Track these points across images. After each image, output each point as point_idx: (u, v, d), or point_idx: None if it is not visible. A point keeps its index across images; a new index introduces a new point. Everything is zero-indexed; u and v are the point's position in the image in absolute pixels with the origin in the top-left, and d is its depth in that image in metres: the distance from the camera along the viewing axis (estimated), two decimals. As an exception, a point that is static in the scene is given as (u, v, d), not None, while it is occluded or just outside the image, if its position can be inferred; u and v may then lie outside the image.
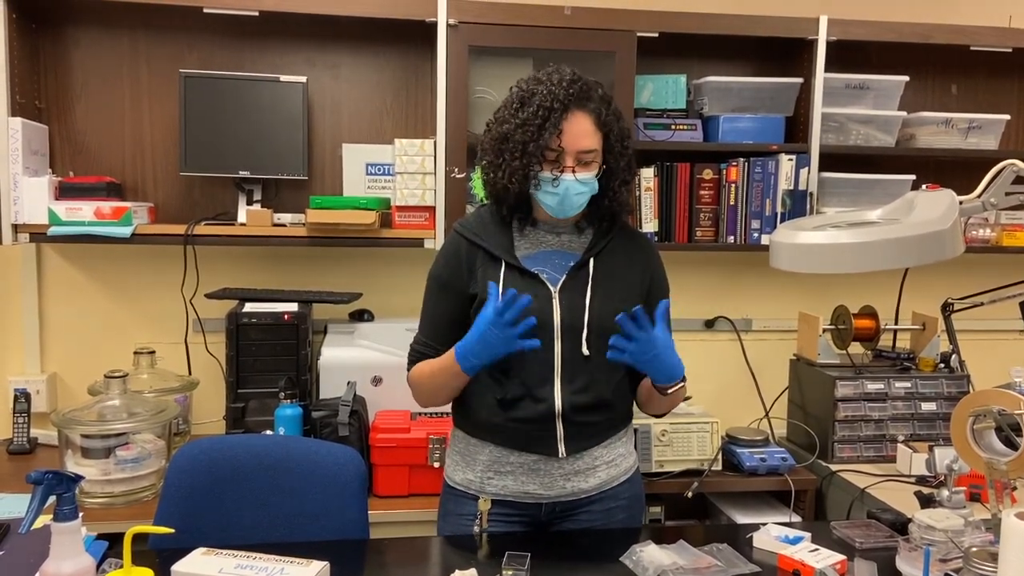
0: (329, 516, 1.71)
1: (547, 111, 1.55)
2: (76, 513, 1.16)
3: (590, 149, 1.58)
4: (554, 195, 1.59)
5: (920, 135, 2.70)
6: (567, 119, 1.56)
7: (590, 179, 1.60)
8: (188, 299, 2.55)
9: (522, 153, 1.56)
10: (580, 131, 1.57)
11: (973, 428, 1.40)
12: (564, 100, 1.55)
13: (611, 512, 1.72)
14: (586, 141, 1.57)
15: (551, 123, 1.54)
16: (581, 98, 1.57)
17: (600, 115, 1.59)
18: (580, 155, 1.57)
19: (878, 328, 2.58)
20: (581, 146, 1.57)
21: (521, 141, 1.56)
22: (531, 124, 1.55)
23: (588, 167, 1.59)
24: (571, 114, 1.56)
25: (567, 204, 1.61)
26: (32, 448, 2.41)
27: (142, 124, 2.57)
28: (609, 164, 1.63)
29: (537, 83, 1.59)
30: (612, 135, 1.61)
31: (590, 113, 1.58)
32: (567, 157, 1.57)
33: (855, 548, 1.60)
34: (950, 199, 1.10)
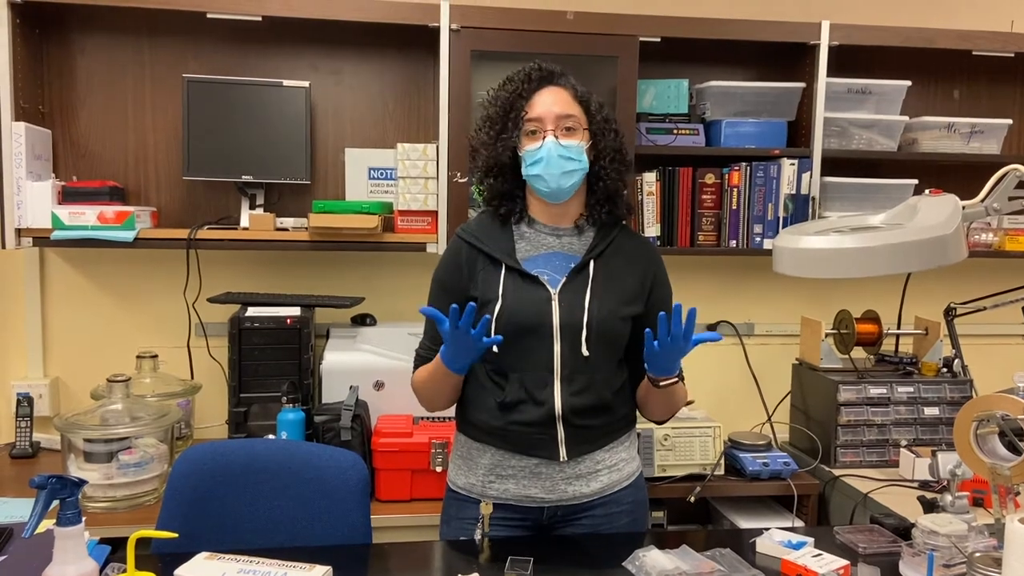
0: (331, 521, 1.71)
1: (520, 83, 1.64)
2: (79, 517, 1.16)
3: (568, 114, 1.63)
4: (539, 164, 1.61)
5: (922, 139, 2.70)
6: (540, 92, 1.64)
7: (574, 147, 1.62)
8: (191, 303, 2.56)
9: (501, 125, 1.64)
10: (554, 99, 1.63)
11: (977, 433, 1.40)
12: (536, 78, 1.64)
13: (614, 517, 1.71)
14: (562, 107, 1.63)
15: (523, 98, 1.63)
16: (551, 77, 1.65)
17: (576, 90, 1.66)
18: (559, 120, 1.62)
19: (880, 333, 2.58)
20: (558, 110, 1.62)
21: (496, 115, 1.65)
22: (504, 100, 1.64)
23: (571, 134, 1.62)
24: (544, 87, 1.64)
25: (553, 168, 1.60)
26: (35, 452, 2.42)
27: (145, 129, 2.58)
28: (594, 133, 1.66)
29: (508, 79, 1.68)
30: (592, 106, 1.67)
31: (564, 86, 1.65)
32: (546, 123, 1.62)
33: (858, 553, 1.60)
34: (953, 204, 1.10)
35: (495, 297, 1.63)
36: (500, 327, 1.62)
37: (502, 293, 1.63)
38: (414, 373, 1.75)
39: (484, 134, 1.68)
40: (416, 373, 1.74)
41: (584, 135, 1.64)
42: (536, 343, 1.63)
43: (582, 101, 1.66)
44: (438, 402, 1.74)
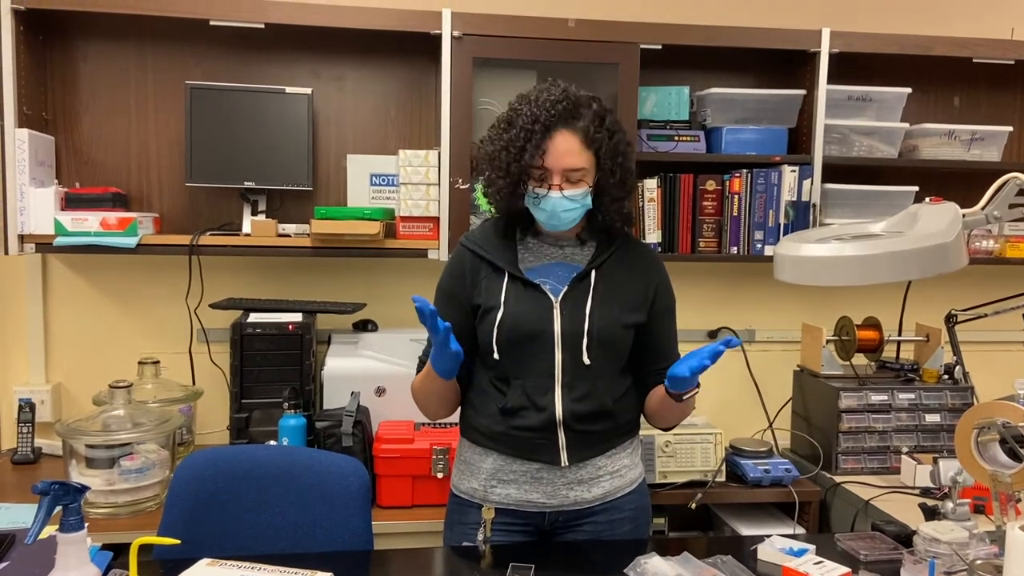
0: (333, 527, 1.71)
1: (528, 132, 1.57)
2: (82, 524, 1.16)
3: (576, 168, 1.59)
4: (542, 211, 1.62)
5: (923, 147, 2.71)
6: (551, 138, 1.57)
7: (578, 195, 1.61)
8: (192, 309, 2.56)
9: (506, 172, 1.60)
10: (564, 150, 1.58)
11: (978, 440, 1.40)
12: (546, 121, 1.57)
13: (616, 523, 1.72)
14: (571, 160, 1.58)
15: (532, 144, 1.57)
16: (567, 117, 1.58)
17: (588, 133, 1.59)
18: (566, 173, 1.59)
19: (882, 339, 2.58)
20: (565, 164, 1.58)
21: (505, 161, 1.59)
22: (513, 145, 1.58)
23: (576, 184, 1.60)
24: (556, 133, 1.57)
25: (556, 220, 1.63)
26: (36, 458, 2.42)
27: (148, 135, 2.58)
28: (600, 181, 1.64)
29: (525, 103, 1.61)
30: (602, 152, 1.61)
31: (576, 132, 1.58)
32: (552, 175, 1.59)
33: (860, 560, 1.60)
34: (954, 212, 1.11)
35: (497, 304, 1.65)
36: (502, 334, 1.63)
37: (504, 301, 1.64)
38: (414, 379, 1.77)
39: (491, 174, 1.64)
40: (415, 378, 1.76)
41: (590, 177, 1.63)
42: (538, 350, 1.64)
43: (593, 143, 1.61)
44: (432, 407, 1.75)
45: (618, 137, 1.64)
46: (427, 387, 1.70)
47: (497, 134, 1.63)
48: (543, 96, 1.60)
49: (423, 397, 1.74)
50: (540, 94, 1.61)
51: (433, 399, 1.73)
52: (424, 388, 1.71)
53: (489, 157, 1.64)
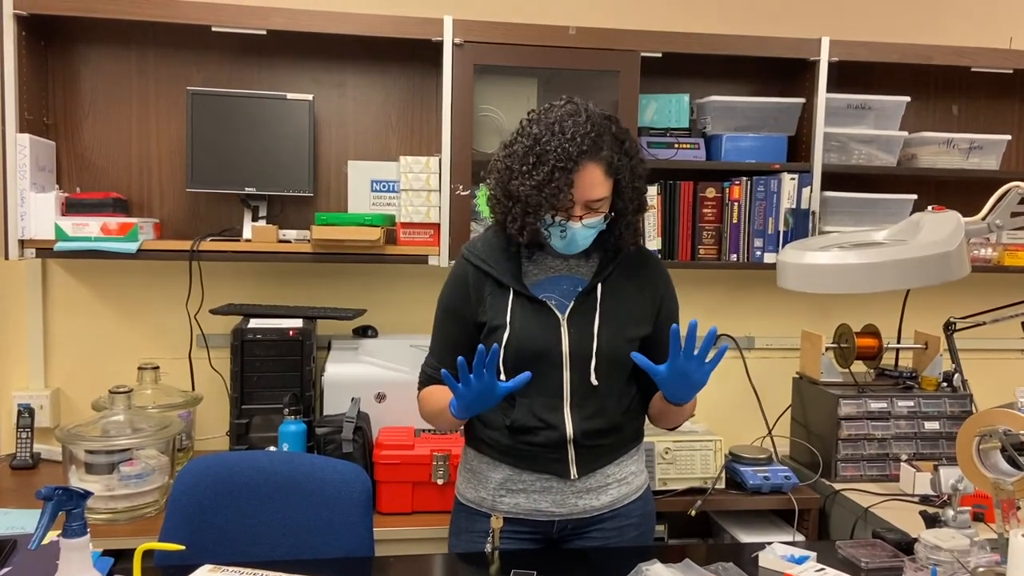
0: (334, 533, 1.71)
1: (561, 171, 1.51)
2: (85, 529, 1.16)
3: (600, 198, 1.57)
4: (561, 240, 1.60)
5: (922, 155, 2.72)
6: (578, 173, 1.53)
7: (597, 222, 1.60)
8: (193, 315, 2.56)
9: (534, 211, 1.55)
10: (590, 183, 1.54)
11: (979, 448, 1.41)
12: (576, 156, 1.52)
13: (623, 530, 1.72)
14: (595, 192, 1.55)
15: (564, 182, 1.52)
16: (594, 149, 1.53)
17: (611, 162, 1.56)
18: (588, 203, 1.57)
19: (881, 347, 2.59)
20: (590, 196, 1.55)
21: (535, 203, 1.53)
22: (545, 186, 1.52)
23: (596, 212, 1.59)
24: (582, 167, 1.53)
25: (573, 246, 1.62)
26: (35, 463, 2.41)
27: (149, 141, 2.59)
28: (617, 207, 1.62)
29: (550, 134, 1.54)
30: (623, 179, 1.60)
31: (600, 162, 1.55)
32: (576, 207, 1.56)
33: (860, 568, 1.60)
34: (956, 221, 1.11)
35: (503, 324, 1.63)
36: (508, 354, 1.62)
37: (510, 320, 1.63)
38: (420, 393, 1.74)
39: (512, 208, 1.58)
40: (425, 392, 1.73)
41: (608, 204, 1.60)
42: (545, 370, 1.62)
43: (616, 172, 1.58)
44: (442, 429, 1.75)
45: (635, 160, 1.62)
46: (446, 425, 1.68)
47: (526, 170, 1.54)
48: (568, 126, 1.53)
49: (437, 423, 1.73)
50: (564, 124, 1.54)
51: (448, 428, 1.73)
52: (443, 424, 1.70)
53: (516, 195, 1.56)
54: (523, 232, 1.58)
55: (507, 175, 1.59)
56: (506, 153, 1.61)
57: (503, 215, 1.61)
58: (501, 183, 1.60)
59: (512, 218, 1.58)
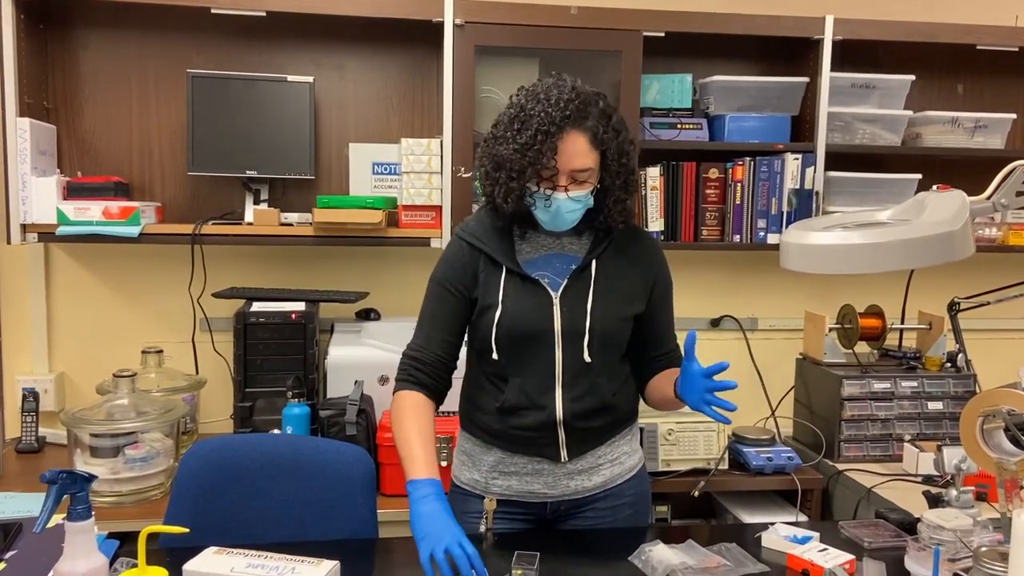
0: (338, 515, 1.72)
1: (544, 135, 1.51)
2: (89, 512, 1.16)
3: (584, 168, 1.55)
4: (546, 211, 1.58)
5: (926, 134, 2.70)
6: (561, 139, 1.52)
7: (583, 196, 1.58)
8: (195, 298, 2.56)
9: (518, 175, 1.54)
10: (574, 151, 1.53)
11: (982, 428, 1.40)
12: (560, 122, 1.51)
13: (617, 509, 1.72)
14: (579, 161, 1.54)
15: (547, 146, 1.52)
16: (578, 117, 1.53)
17: (596, 133, 1.55)
18: (573, 174, 1.55)
19: (884, 327, 2.58)
20: (574, 166, 1.54)
21: (519, 167, 1.53)
22: (528, 149, 1.52)
23: (582, 185, 1.57)
24: (566, 134, 1.52)
25: (559, 220, 1.60)
26: (40, 447, 2.42)
27: (149, 124, 2.58)
28: (604, 182, 1.60)
29: (536, 101, 1.54)
30: (609, 153, 1.58)
31: (585, 131, 1.54)
32: (560, 176, 1.55)
33: (864, 548, 1.60)
34: (961, 200, 1.10)
35: (495, 302, 1.61)
36: (501, 333, 1.61)
37: (502, 299, 1.61)
38: (396, 398, 1.65)
39: (498, 176, 1.58)
40: (400, 411, 1.61)
41: (595, 177, 1.59)
42: (537, 349, 1.62)
43: (601, 144, 1.57)
44: None
45: (623, 136, 1.60)
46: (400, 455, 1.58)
47: (510, 135, 1.55)
48: (553, 94, 1.54)
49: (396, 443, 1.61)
50: (550, 92, 1.55)
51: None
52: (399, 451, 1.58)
53: (498, 159, 1.57)
54: (508, 200, 1.56)
55: (493, 143, 1.59)
56: (494, 123, 1.62)
57: (491, 185, 1.60)
58: (488, 153, 1.61)
59: (498, 187, 1.58)
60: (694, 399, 1.54)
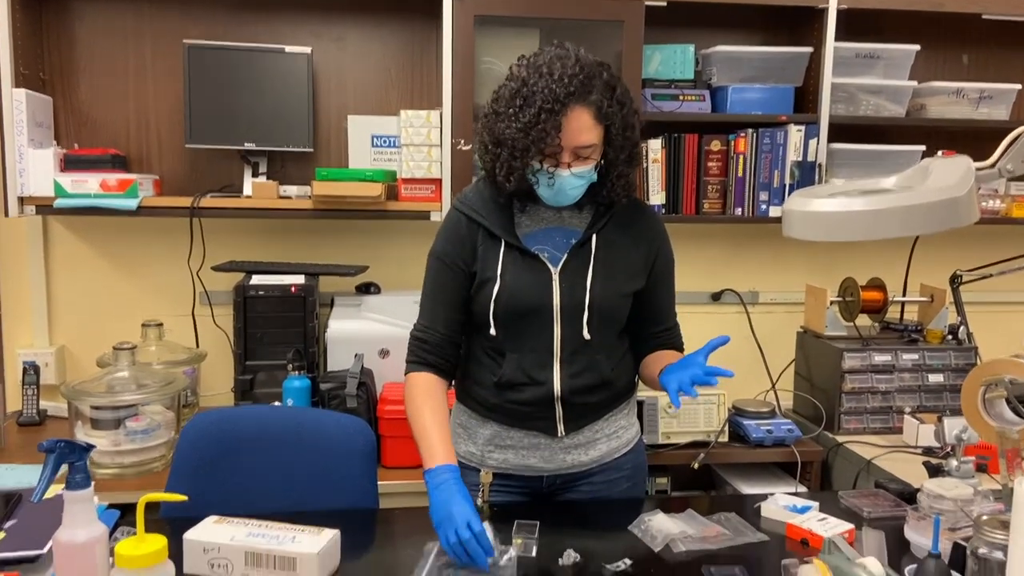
0: (339, 486, 1.72)
1: (547, 113, 1.46)
2: (88, 481, 1.16)
3: (588, 144, 1.51)
4: (549, 188, 1.55)
5: (931, 105, 2.67)
6: (565, 116, 1.47)
7: (586, 171, 1.54)
8: (195, 272, 2.55)
9: (521, 154, 1.50)
10: (578, 127, 1.49)
11: (984, 398, 1.40)
12: (564, 98, 1.47)
13: (614, 483, 1.71)
14: (584, 137, 1.50)
15: (551, 124, 1.47)
16: (582, 92, 1.48)
17: (601, 107, 1.50)
18: (577, 150, 1.51)
19: (886, 300, 2.57)
20: (578, 142, 1.50)
21: (522, 146, 1.49)
22: (531, 128, 1.48)
23: (585, 160, 1.53)
24: (570, 110, 1.48)
25: (562, 197, 1.57)
26: (42, 420, 2.43)
27: (146, 96, 2.56)
28: (608, 156, 1.57)
29: (539, 75, 1.49)
30: (614, 127, 1.54)
31: (590, 106, 1.49)
32: (564, 153, 1.51)
33: (863, 518, 1.61)
34: (966, 166, 1.09)
35: (494, 276, 1.59)
36: (499, 308, 1.59)
37: (501, 273, 1.59)
38: (409, 380, 1.64)
39: (499, 153, 1.53)
40: (413, 395, 1.61)
41: (598, 153, 1.55)
42: (536, 324, 1.60)
43: (605, 118, 1.52)
44: None
45: (628, 109, 1.56)
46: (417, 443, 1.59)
47: (512, 112, 1.49)
48: (557, 67, 1.48)
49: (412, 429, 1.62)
50: (553, 65, 1.49)
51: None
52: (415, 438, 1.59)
53: (502, 138, 1.52)
54: (510, 179, 1.53)
55: (494, 119, 1.54)
56: (494, 98, 1.57)
57: (491, 162, 1.56)
58: (489, 128, 1.56)
59: (499, 164, 1.54)
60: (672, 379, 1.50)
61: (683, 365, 1.52)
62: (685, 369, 1.50)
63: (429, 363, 1.65)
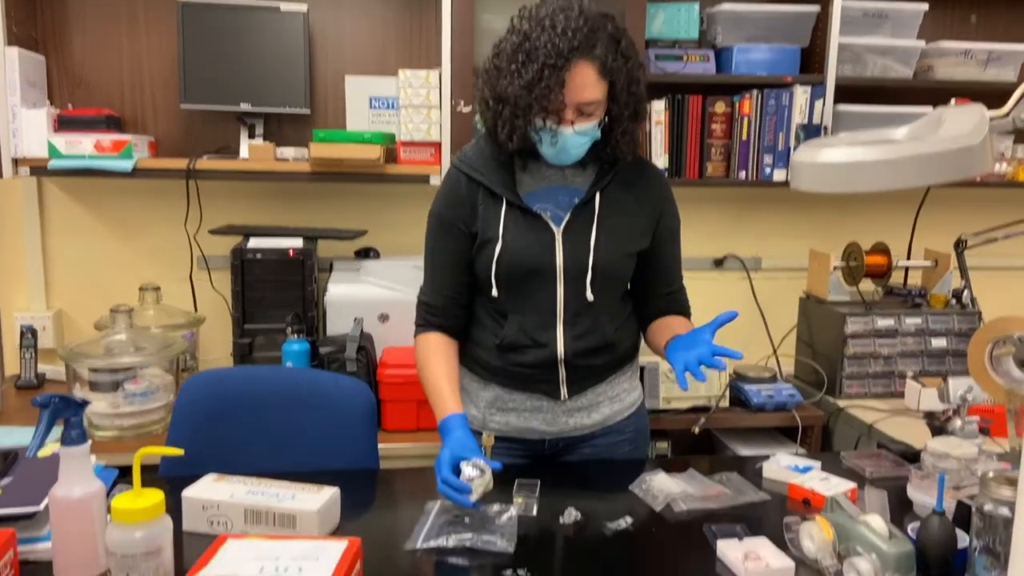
0: (338, 446, 1.71)
1: (551, 69, 1.42)
2: (84, 438, 1.14)
3: (591, 101, 1.47)
4: (552, 147, 1.51)
5: (938, 66, 2.63)
6: (569, 72, 1.43)
7: (590, 128, 1.50)
8: (192, 235, 2.53)
9: (523, 113, 1.46)
10: (582, 83, 1.44)
11: (992, 355, 1.38)
12: (567, 53, 1.42)
13: (616, 445, 1.70)
14: (588, 93, 1.46)
15: (554, 80, 1.43)
16: (586, 46, 1.43)
17: (605, 62, 1.46)
18: (581, 107, 1.47)
19: (890, 265, 2.55)
20: (582, 99, 1.46)
21: (524, 104, 1.45)
22: (534, 85, 1.43)
23: (589, 117, 1.49)
24: (573, 65, 1.43)
25: (565, 155, 1.53)
26: (40, 383, 2.42)
27: (140, 56, 2.51)
28: (612, 112, 1.53)
29: (540, 29, 1.44)
30: (618, 82, 1.50)
31: (594, 61, 1.45)
32: (567, 111, 1.47)
33: (865, 477, 1.60)
34: (980, 114, 1.06)
35: (495, 236, 1.56)
36: (501, 269, 1.56)
37: (502, 233, 1.56)
38: (418, 340, 1.65)
39: (501, 111, 1.49)
40: (424, 355, 1.63)
41: (602, 109, 1.51)
42: (538, 285, 1.58)
43: (610, 73, 1.48)
44: None
45: (633, 62, 1.52)
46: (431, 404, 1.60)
47: (515, 68, 1.45)
48: (560, 20, 1.44)
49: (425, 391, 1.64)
50: (556, 17, 1.44)
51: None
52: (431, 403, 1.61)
53: (504, 95, 1.47)
54: (512, 137, 1.49)
55: (495, 75, 1.50)
56: (495, 53, 1.52)
57: (492, 120, 1.53)
58: (490, 85, 1.51)
59: (501, 122, 1.50)
60: (679, 358, 1.47)
61: (690, 343, 1.48)
62: (692, 348, 1.46)
63: (436, 326, 1.64)
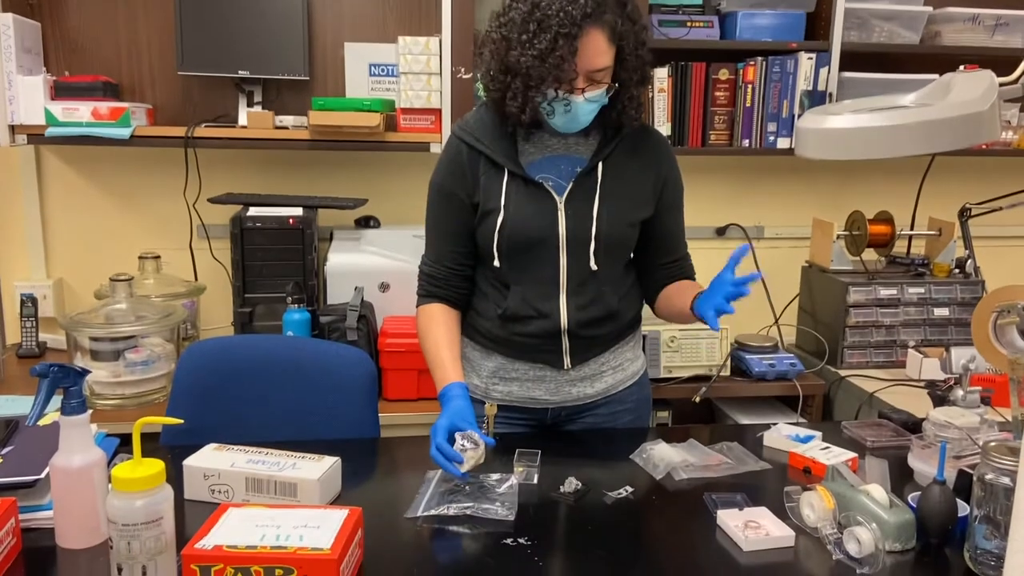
0: (339, 415, 1.71)
1: (564, 38, 1.38)
2: (84, 407, 1.15)
3: (602, 68, 1.45)
4: (564, 116, 1.49)
5: (945, 32, 2.59)
6: (581, 39, 1.40)
7: (599, 96, 1.48)
8: (191, 204, 2.51)
9: (537, 84, 1.43)
10: (594, 50, 1.42)
11: (995, 324, 1.37)
12: (580, 20, 1.39)
13: (617, 415, 1.70)
14: (599, 60, 1.44)
15: (568, 49, 1.40)
16: (597, 11, 1.40)
17: (615, 27, 1.43)
18: (591, 74, 1.45)
19: (893, 234, 2.53)
20: (593, 66, 1.44)
21: (538, 75, 1.42)
22: (548, 55, 1.40)
23: (598, 85, 1.47)
24: (585, 33, 1.40)
25: (574, 123, 1.51)
26: (41, 352, 2.42)
27: (137, 21, 2.48)
28: (621, 78, 1.50)
29: None
30: (627, 47, 1.48)
31: (604, 27, 1.42)
32: (579, 79, 1.44)
33: (866, 447, 1.60)
34: (989, 80, 1.04)
35: (497, 207, 1.54)
36: (503, 240, 1.55)
37: (504, 203, 1.54)
38: (420, 311, 1.65)
39: (510, 83, 1.46)
40: (425, 325, 1.63)
41: (610, 75, 1.48)
42: (541, 256, 1.56)
43: (619, 38, 1.45)
44: None
45: (639, 25, 1.49)
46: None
47: (525, 39, 1.41)
48: None
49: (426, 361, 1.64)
50: None
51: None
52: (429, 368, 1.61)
53: (515, 67, 1.44)
54: (525, 109, 1.46)
55: (504, 46, 1.46)
56: (501, 22, 1.48)
57: (500, 91, 1.49)
58: (497, 56, 1.48)
59: (512, 94, 1.46)
60: (707, 304, 1.46)
61: (713, 288, 1.47)
62: (716, 290, 1.46)
63: (438, 296, 1.63)
